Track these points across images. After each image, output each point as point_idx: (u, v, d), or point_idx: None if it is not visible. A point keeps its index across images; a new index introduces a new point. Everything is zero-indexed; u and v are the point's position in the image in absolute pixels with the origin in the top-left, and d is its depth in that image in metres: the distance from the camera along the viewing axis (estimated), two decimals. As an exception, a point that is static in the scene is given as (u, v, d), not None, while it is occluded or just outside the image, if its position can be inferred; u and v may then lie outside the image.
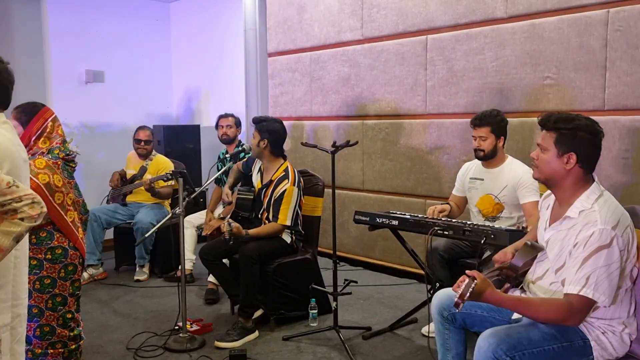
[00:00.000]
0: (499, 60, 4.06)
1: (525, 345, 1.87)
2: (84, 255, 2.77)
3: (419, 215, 3.33)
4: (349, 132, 5.06)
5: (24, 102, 2.67)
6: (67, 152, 2.72)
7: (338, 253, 5.08)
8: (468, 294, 1.78)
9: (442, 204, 3.43)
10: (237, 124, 4.73)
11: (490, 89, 4.13)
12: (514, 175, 3.26)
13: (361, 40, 4.92)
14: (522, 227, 3.02)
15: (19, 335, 1.96)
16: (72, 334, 2.75)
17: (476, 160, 3.46)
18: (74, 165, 2.79)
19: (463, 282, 1.83)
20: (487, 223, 3.21)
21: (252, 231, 3.49)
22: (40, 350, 2.66)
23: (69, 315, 2.73)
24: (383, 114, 4.83)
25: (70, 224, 2.65)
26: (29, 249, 2.22)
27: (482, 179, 3.40)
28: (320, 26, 5.24)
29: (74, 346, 2.78)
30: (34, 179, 2.45)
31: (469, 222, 3.09)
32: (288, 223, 3.55)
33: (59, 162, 2.64)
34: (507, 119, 3.42)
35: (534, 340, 1.89)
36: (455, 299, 1.80)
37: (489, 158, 3.31)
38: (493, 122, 3.28)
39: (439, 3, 4.36)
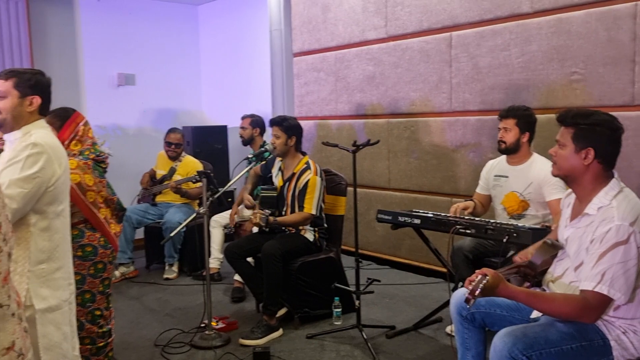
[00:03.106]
0: (525, 56, 3.99)
1: (542, 345, 1.85)
2: (116, 250, 2.87)
3: (442, 214, 3.31)
4: (374, 131, 5.05)
5: (56, 108, 2.78)
6: (98, 153, 2.83)
7: (364, 252, 5.14)
8: (479, 290, 1.78)
9: (465, 201, 3.40)
10: (254, 124, 4.76)
11: (516, 86, 4.07)
12: (540, 172, 3.21)
13: (385, 39, 4.91)
14: (547, 226, 2.96)
15: (74, 310, 2.32)
16: (100, 330, 2.84)
17: (501, 157, 3.43)
18: (104, 166, 2.89)
19: (475, 279, 1.83)
20: (511, 221, 3.17)
21: (280, 219, 3.56)
22: None
23: (98, 312, 2.82)
24: (408, 112, 4.81)
25: (102, 220, 2.77)
26: None
27: (507, 177, 3.36)
28: (344, 25, 5.25)
29: (102, 343, 2.87)
30: None
31: (491, 221, 3.06)
32: (314, 212, 3.58)
33: (89, 163, 2.76)
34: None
35: (552, 340, 1.86)
36: (466, 295, 1.80)
37: (510, 152, 3.27)
38: (520, 115, 3.24)
39: (463, 0, 4.32)
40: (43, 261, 2.13)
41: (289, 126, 3.71)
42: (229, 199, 5.34)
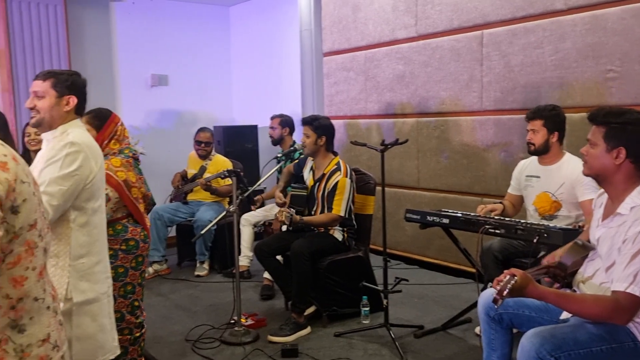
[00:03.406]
0: (558, 54, 3.92)
1: (571, 346, 1.82)
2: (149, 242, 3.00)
3: (471, 214, 3.28)
4: (404, 130, 5.04)
5: (94, 109, 2.88)
6: (133, 152, 2.95)
7: (393, 251, 5.12)
8: (507, 291, 1.76)
9: (494, 203, 3.36)
10: (283, 124, 4.79)
11: (549, 84, 4.00)
12: (572, 172, 3.15)
13: (415, 38, 4.89)
14: (579, 226, 2.91)
15: (112, 303, 2.40)
16: (137, 321, 2.93)
17: (532, 157, 3.38)
18: (138, 164, 3.00)
19: (503, 279, 1.81)
20: (543, 222, 3.12)
21: (306, 218, 3.59)
22: None
23: (136, 304, 2.92)
24: (438, 111, 4.78)
25: (143, 214, 2.90)
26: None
27: (539, 177, 3.31)
28: (374, 24, 5.24)
29: (138, 334, 2.96)
30: (114, 176, 2.71)
31: (522, 221, 3.02)
32: (342, 214, 3.60)
33: (130, 161, 2.89)
34: (567, 114, 3.31)
35: (581, 341, 1.84)
36: (494, 295, 1.79)
37: (539, 153, 3.23)
38: (546, 115, 3.19)
39: (494, -3, 4.27)
40: (83, 256, 2.22)
41: (319, 126, 3.73)
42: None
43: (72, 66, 5.54)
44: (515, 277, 1.82)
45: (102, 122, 2.82)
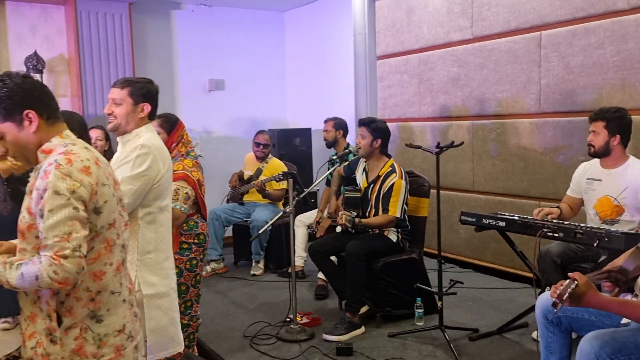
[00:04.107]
0: (620, 55, 3.83)
1: (631, 350, 1.80)
2: None
3: (528, 217, 3.25)
4: (458, 133, 5.01)
5: (163, 113, 3.06)
6: (196, 157, 3.13)
7: (447, 255, 5.10)
8: (567, 294, 1.76)
9: (551, 207, 3.32)
10: (337, 127, 4.86)
11: (611, 85, 3.91)
12: (637, 176, 3.08)
13: (471, 40, 4.86)
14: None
15: (177, 298, 2.56)
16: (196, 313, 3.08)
17: (594, 160, 3.32)
18: None
19: (564, 283, 1.81)
20: (604, 226, 3.06)
21: (365, 220, 3.64)
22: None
23: (200, 293, 3.10)
24: (494, 114, 4.73)
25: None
26: (181, 234, 2.88)
27: (601, 180, 3.24)
28: (429, 27, 5.24)
29: (195, 329, 3.11)
30: (190, 175, 2.90)
31: (581, 224, 2.97)
32: (398, 215, 3.63)
33: (197, 162, 3.09)
34: (631, 116, 3.23)
35: (643, 346, 1.81)
36: (554, 299, 1.78)
37: (599, 155, 3.18)
38: (609, 117, 3.14)
39: (553, -3, 4.20)
40: (150, 251, 2.36)
41: (375, 128, 3.78)
42: (312, 200, 5.48)
43: (135, 72, 5.80)
44: (577, 282, 1.81)
45: (172, 126, 2.99)
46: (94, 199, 1.62)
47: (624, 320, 2.05)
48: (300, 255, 4.80)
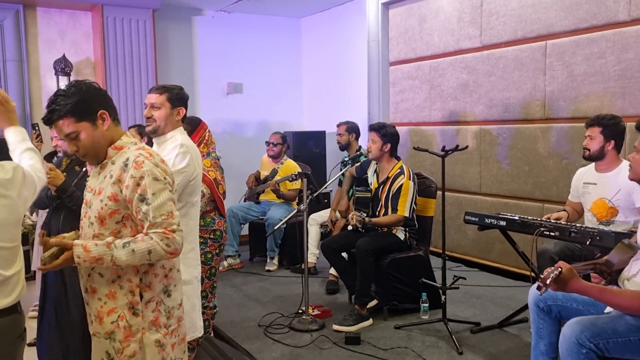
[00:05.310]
0: (621, 64, 4.01)
1: (609, 334, 1.99)
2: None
3: (529, 217, 3.44)
4: (466, 137, 5.21)
5: (188, 116, 3.28)
6: (218, 157, 3.38)
7: (455, 254, 5.30)
8: (550, 279, 1.95)
9: (556, 209, 3.50)
10: (349, 130, 5.07)
11: (612, 93, 4.08)
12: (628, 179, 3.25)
13: (479, 48, 5.06)
14: (632, 231, 3.02)
15: (200, 286, 2.79)
16: (211, 303, 3.31)
17: (590, 165, 3.50)
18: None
19: (549, 269, 2.01)
20: (600, 227, 3.24)
21: (374, 220, 3.86)
22: None
23: (215, 285, 3.35)
24: (501, 119, 4.92)
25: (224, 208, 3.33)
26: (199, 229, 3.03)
27: (595, 183, 3.43)
28: (439, 35, 5.45)
29: (211, 316, 3.34)
30: (207, 175, 3.13)
31: (576, 224, 3.16)
32: (406, 214, 3.83)
33: (217, 162, 3.36)
34: (629, 123, 3.41)
35: (619, 331, 2.00)
36: (538, 283, 1.98)
37: (593, 159, 3.37)
38: (605, 124, 3.32)
39: (559, 8, 4.39)
40: None
41: (385, 133, 3.99)
42: (325, 200, 5.71)
43: (157, 75, 6.07)
44: (560, 269, 2.01)
45: (194, 127, 3.23)
46: (173, 186, 1.88)
47: (607, 310, 2.24)
48: (312, 252, 5.02)
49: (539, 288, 1.99)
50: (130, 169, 1.79)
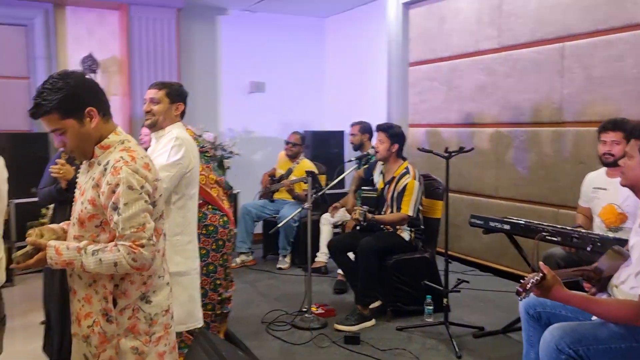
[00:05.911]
0: (639, 67, 3.89)
1: (590, 341, 1.94)
2: (232, 224, 3.37)
3: (534, 221, 3.38)
4: (483, 139, 5.13)
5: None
6: (202, 145, 3.32)
7: (469, 258, 5.24)
8: (530, 284, 1.91)
9: (570, 214, 3.43)
10: (363, 130, 5.06)
11: (630, 97, 3.96)
12: None
13: (498, 49, 4.98)
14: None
15: (199, 279, 2.83)
16: (219, 298, 3.36)
17: (600, 170, 3.41)
18: (209, 155, 3.40)
19: (530, 275, 1.96)
20: (609, 234, 3.16)
21: (377, 216, 3.85)
22: None
23: (218, 282, 3.37)
24: (518, 122, 4.84)
25: (216, 197, 3.29)
26: None
27: (605, 189, 3.34)
28: (458, 36, 5.39)
29: (219, 311, 3.39)
30: None
31: (579, 230, 3.08)
32: (410, 213, 3.81)
33: (209, 167, 3.32)
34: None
35: (601, 338, 1.95)
36: (517, 287, 1.94)
37: (616, 164, 3.25)
38: (628, 129, 3.21)
39: (577, 10, 4.29)
40: (178, 234, 2.67)
41: (393, 134, 3.99)
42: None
43: (181, 74, 6.19)
44: (543, 274, 1.97)
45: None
46: (154, 194, 1.79)
47: (594, 318, 2.19)
48: (323, 252, 5.04)
49: (518, 293, 1.95)
50: (107, 174, 1.73)
